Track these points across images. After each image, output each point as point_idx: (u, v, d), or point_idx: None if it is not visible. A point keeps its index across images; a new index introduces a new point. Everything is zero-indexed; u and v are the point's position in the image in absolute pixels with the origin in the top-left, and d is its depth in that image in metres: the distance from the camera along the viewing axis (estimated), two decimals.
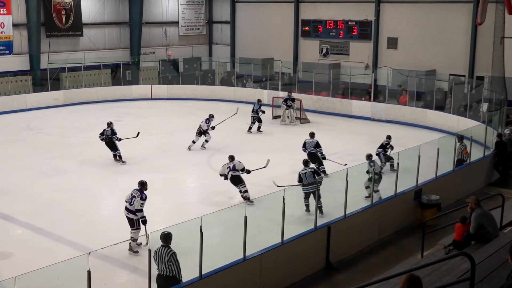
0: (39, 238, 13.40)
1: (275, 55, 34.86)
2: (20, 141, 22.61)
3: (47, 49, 31.51)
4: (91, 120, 26.45)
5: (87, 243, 12.38)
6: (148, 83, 33.42)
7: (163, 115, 28.16)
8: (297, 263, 11.57)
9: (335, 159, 18.05)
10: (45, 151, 20.94)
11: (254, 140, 23.08)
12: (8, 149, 21.30)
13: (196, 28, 39.54)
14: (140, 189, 12.50)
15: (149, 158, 20.11)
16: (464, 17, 28.05)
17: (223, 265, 10.44)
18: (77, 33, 33.03)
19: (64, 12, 32.16)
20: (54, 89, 30.53)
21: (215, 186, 17.03)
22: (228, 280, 10.35)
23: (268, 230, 12.37)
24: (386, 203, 13.95)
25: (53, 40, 31.92)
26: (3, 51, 30.10)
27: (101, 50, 34.15)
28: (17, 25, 30.43)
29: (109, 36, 35.02)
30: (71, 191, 16.63)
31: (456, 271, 8.38)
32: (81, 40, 33.38)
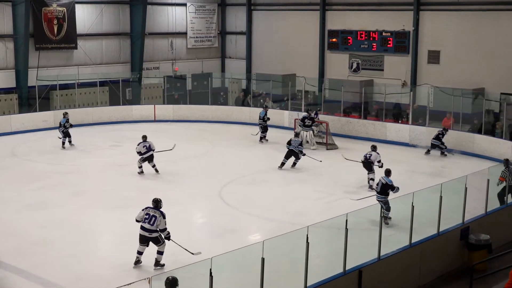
0: (23, 282, 13.37)
1: (297, 70, 34.95)
2: (3, 169, 22.73)
3: (36, 63, 31.80)
4: (85, 145, 26.59)
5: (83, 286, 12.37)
6: (151, 103, 33.63)
7: (168, 140, 28.19)
8: None
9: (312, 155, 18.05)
10: (31, 181, 21.01)
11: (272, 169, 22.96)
12: None
13: (207, 40, 39.75)
14: (156, 207, 13.84)
15: (152, 190, 20.10)
16: None
17: None
18: (70, 46, 33.34)
19: (56, 21, 32.51)
20: (43, 109, 30.74)
21: (226, 223, 17.00)
22: None
23: (288, 274, 12.25)
24: (427, 243, 13.76)
25: (43, 53, 32.23)
26: None
27: (97, 65, 34.45)
28: (2, 36, 30.85)
29: (107, 49, 35.30)
30: (61, 227, 16.61)
31: None
32: (75, 53, 33.69)
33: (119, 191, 19.97)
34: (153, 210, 13.71)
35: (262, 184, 20.91)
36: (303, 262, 10.99)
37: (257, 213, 17.97)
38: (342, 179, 21.40)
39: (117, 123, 31.61)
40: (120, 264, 14.24)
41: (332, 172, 22.64)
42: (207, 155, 25.34)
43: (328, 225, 13.82)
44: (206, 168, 23.18)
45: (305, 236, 10.93)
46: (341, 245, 11.75)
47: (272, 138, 28.31)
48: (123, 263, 14.19)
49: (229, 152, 25.74)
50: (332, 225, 13.19)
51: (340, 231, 11.86)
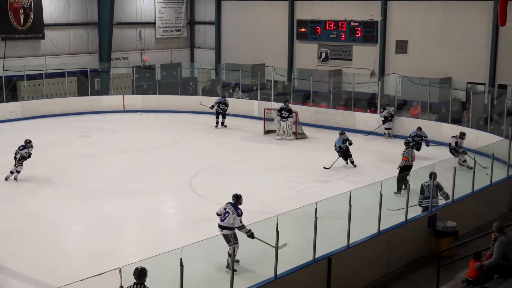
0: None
1: (267, 60, 34.94)
2: None
3: (2, 53, 31.45)
4: (53, 136, 26.38)
5: (48, 279, 12.32)
6: (120, 93, 33.44)
7: (137, 130, 28.11)
8: None
9: None
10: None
11: (243, 159, 23.06)
12: None
13: (176, 30, 39.59)
14: (234, 204, 12.88)
15: (121, 180, 20.04)
16: (484, 17, 28.16)
17: None
18: (37, 36, 32.99)
19: (23, 11, 32.14)
20: (10, 100, 30.47)
21: (197, 213, 17.01)
22: None
23: (259, 263, 12.34)
24: (395, 231, 13.93)
25: (9, 43, 31.85)
26: None
27: (65, 55, 34.12)
28: None
29: (74, 39, 34.99)
30: (29, 219, 16.49)
31: None
32: (42, 43, 33.35)
33: (88, 182, 19.87)
34: (229, 206, 12.84)
35: (232, 173, 20.93)
36: (273, 250, 11.08)
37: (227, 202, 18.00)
38: (311, 168, 21.52)
39: (85, 113, 31.40)
40: (91, 254, 14.20)
41: (302, 161, 22.75)
42: (176, 145, 25.30)
43: (298, 214, 13.93)
44: (175, 158, 23.14)
45: (275, 225, 11.02)
46: (311, 233, 11.85)
47: (241, 128, 28.42)
48: (94, 253, 14.16)
49: (198, 142, 25.72)
50: (302, 214, 13.30)
51: (310, 220, 11.96)
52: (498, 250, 10.47)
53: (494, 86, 27.65)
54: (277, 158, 22.82)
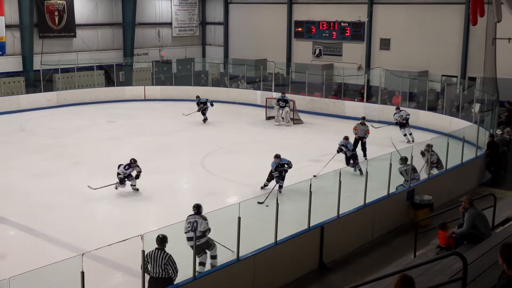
0: (33, 239, 13.35)
1: (268, 56, 34.92)
2: (13, 143, 22.52)
3: (40, 50, 31.46)
4: (84, 121, 26.42)
5: (81, 244, 12.36)
6: (142, 84, 33.42)
7: (156, 117, 28.14)
8: (291, 263, 11.59)
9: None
10: (38, 153, 20.86)
11: (247, 141, 23.06)
12: (1, 151, 21.22)
13: (190, 29, 39.54)
14: (197, 213, 11.38)
15: (142, 159, 20.01)
16: (457, 18, 28.20)
17: (217, 266, 10.45)
18: (70, 34, 33.00)
19: (57, 13, 32.12)
20: (47, 90, 30.46)
21: (208, 187, 17.06)
22: (222, 281, 10.35)
23: (261, 231, 12.37)
24: (379, 203, 13.98)
25: (46, 41, 31.86)
26: None
27: (94, 51, 34.12)
28: (9, 26, 30.36)
29: (102, 37, 34.98)
30: (64, 192, 16.58)
31: (449, 270, 8.41)
32: (74, 41, 33.35)
33: (113, 161, 19.88)
34: (194, 216, 11.30)
35: (238, 154, 20.96)
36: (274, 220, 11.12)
37: (234, 179, 18.06)
38: (306, 149, 21.52)
39: (111, 102, 31.39)
40: (117, 223, 14.29)
41: (298, 143, 22.74)
42: (190, 129, 25.29)
43: (296, 189, 13.98)
44: (189, 141, 23.18)
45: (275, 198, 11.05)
46: (306, 205, 11.88)
47: (246, 114, 28.42)
48: (120, 222, 14.24)
49: (209, 127, 25.72)
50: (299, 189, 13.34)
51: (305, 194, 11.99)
52: (468, 220, 10.46)
53: (465, 79, 27.75)
54: (277, 141, 22.80)
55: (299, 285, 11.51)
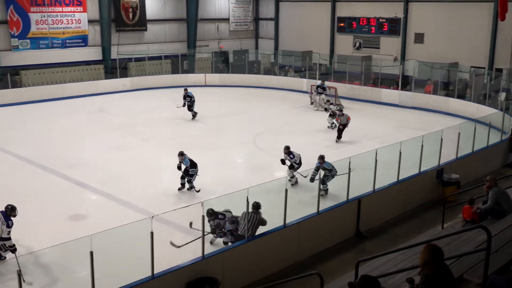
0: (110, 203, 13.70)
1: (313, 48, 34.53)
2: (94, 121, 23.06)
3: (116, 42, 31.96)
4: (153, 103, 26.81)
5: (151, 208, 12.62)
6: (203, 72, 33.58)
7: (215, 100, 28.28)
8: (331, 231, 11.55)
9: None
10: (114, 130, 21.31)
11: (293, 123, 22.93)
12: (84, 128, 21.77)
13: (244, 24, 39.42)
14: (6, 214, 10.02)
15: (202, 137, 20.28)
16: (485, 14, 27.22)
17: (265, 230, 10.50)
18: (142, 28, 33.37)
19: (131, 10, 32.52)
20: (122, 76, 30.98)
21: (258, 162, 17.11)
22: (270, 244, 10.41)
23: (305, 202, 12.37)
24: (411, 180, 13.74)
25: (122, 34, 32.33)
26: (80, 44, 30.68)
27: (162, 43, 34.42)
28: (91, 21, 30.92)
29: (169, 30, 35.25)
30: (136, 164, 16.91)
31: (473, 242, 8.23)
32: (145, 34, 33.72)
33: (177, 137, 20.17)
34: (0, 215, 9.95)
35: (285, 134, 20.86)
36: (315, 192, 11.09)
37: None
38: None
39: (176, 87, 31.60)
40: (184, 191, 14.45)
41: None
42: (244, 111, 25.34)
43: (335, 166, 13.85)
44: (243, 121, 23.21)
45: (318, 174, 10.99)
46: (345, 181, 11.78)
47: (293, 99, 28.26)
48: (182, 191, 14.41)
49: (260, 110, 25.70)
50: (338, 166, 13.22)
51: (345, 170, 11.88)
52: (492, 198, 10.21)
53: (492, 70, 26.80)
54: (319, 123, 22.60)
55: (337, 250, 11.46)
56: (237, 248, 9.95)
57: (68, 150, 18.35)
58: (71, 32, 30.18)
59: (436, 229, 11.65)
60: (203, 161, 16.98)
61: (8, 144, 18.95)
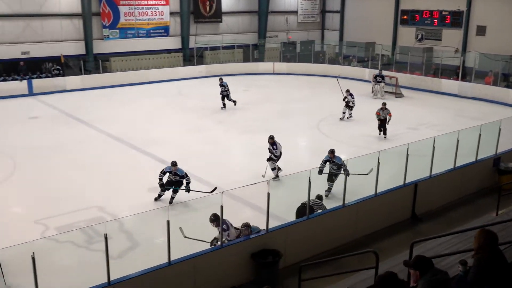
0: None
1: (376, 39, 33.66)
2: (173, 104, 23.60)
3: (194, 32, 32.45)
4: None
5: (222, 184, 12.83)
6: (271, 61, 33.54)
7: (283, 87, 28.23)
8: (387, 212, 11.32)
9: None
10: (190, 112, 21.74)
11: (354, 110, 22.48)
12: (164, 109, 22.34)
13: (312, 16, 38.94)
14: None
15: (269, 121, 20.32)
16: None
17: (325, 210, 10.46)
18: (217, 20, 33.67)
19: (208, 3, 32.86)
20: (199, 64, 31.47)
21: (322, 146, 16.95)
22: (329, 222, 10.36)
23: (364, 184, 12.16)
24: (468, 167, 13.20)
25: (199, 25, 32.78)
26: (162, 34, 31.40)
27: (235, 34, 34.63)
28: (172, 13, 31.52)
29: (242, 22, 35.38)
30: (210, 144, 17.19)
31: None
32: (220, 25, 34.01)
33: (246, 120, 20.32)
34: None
35: (346, 121, 20.58)
36: (374, 176, 10.88)
37: (343, 140, 17.82)
38: (405, 118, 20.70)
39: (247, 74, 31.87)
40: (249, 169, 14.59)
41: (398, 113, 21.89)
42: (309, 98, 25.15)
43: (393, 151, 13.54)
44: (308, 107, 23.06)
45: (376, 158, 10.79)
46: (402, 165, 11.49)
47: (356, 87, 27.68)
48: (251, 169, 14.52)
49: (324, 97, 25.41)
50: (398, 151, 12.89)
51: (402, 156, 11.57)
52: None
53: None
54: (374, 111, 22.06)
55: (393, 230, 11.23)
56: (299, 224, 9.96)
57: (150, 129, 18.93)
58: (155, 23, 30.93)
59: (491, 216, 11.16)
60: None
61: (98, 123, 19.79)
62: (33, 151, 16.23)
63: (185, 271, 8.43)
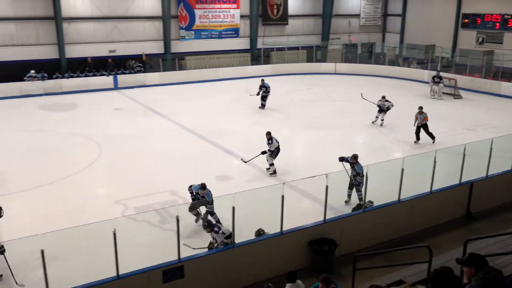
0: (249, 168, 14.07)
1: (436, 42, 32.34)
2: (240, 99, 23.76)
3: (262, 33, 32.52)
4: (289, 87, 27.00)
5: (283, 176, 12.84)
6: (333, 61, 33.03)
7: (343, 86, 27.77)
8: (442, 209, 10.89)
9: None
10: (256, 107, 21.82)
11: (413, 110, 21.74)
12: (233, 105, 22.58)
13: (373, 20, 37.98)
14: None
15: (329, 117, 20.07)
16: None
17: (380, 204, 10.19)
18: (283, 22, 33.56)
19: (276, 6, 32.81)
20: (265, 63, 31.52)
21: (378, 143, 16.57)
22: (384, 216, 10.10)
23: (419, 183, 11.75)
24: None
25: (267, 27, 32.81)
26: (232, 35, 31.71)
27: (299, 35, 34.39)
28: (243, 16, 31.74)
29: (306, 25, 35.06)
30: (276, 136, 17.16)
31: None
32: (286, 27, 33.87)
33: (308, 117, 20.15)
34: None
35: (404, 119, 19.91)
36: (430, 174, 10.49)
37: (400, 138, 17.29)
38: (463, 119, 19.79)
39: (310, 74, 31.60)
40: (309, 161, 14.48)
41: (456, 114, 21.00)
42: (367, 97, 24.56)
43: (449, 151, 12.99)
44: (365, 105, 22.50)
45: (433, 157, 10.39)
46: (459, 164, 11.00)
47: (414, 88, 26.84)
48: (312, 161, 14.39)
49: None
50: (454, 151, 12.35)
51: (458, 155, 11.07)
52: None
53: None
54: (437, 111, 21.22)
55: (447, 227, 10.81)
56: (355, 216, 9.80)
57: (219, 122, 19.20)
58: (226, 25, 31.28)
59: None
60: (327, 139, 16.91)
61: (173, 115, 20.32)
62: (116, 139, 16.93)
63: (246, 254, 8.52)
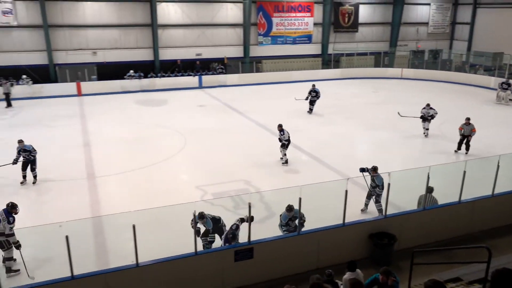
0: (318, 165, 13.91)
1: (505, 49, 30.03)
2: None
3: (332, 40, 32.00)
4: (356, 90, 26.36)
5: (347, 172, 12.59)
6: (400, 67, 31.80)
7: (407, 91, 26.66)
8: (504, 212, 10.09)
9: None
10: (325, 108, 21.45)
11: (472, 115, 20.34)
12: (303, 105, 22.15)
13: (441, 28, 36.04)
14: (8, 211, 8.15)
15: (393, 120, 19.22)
16: None
17: (441, 203, 9.68)
18: (354, 30, 32.81)
19: (347, 15, 32.15)
20: (335, 67, 31.05)
21: (440, 147, 15.72)
22: (444, 214, 9.57)
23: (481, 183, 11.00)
24: None
25: (338, 34, 32.24)
26: (305, 41, 31.50)
27: (368, 42, 33.45)
28: (315, 23, 31.42)
29: (375, 32, 34.02)
30: (339, 136, 16.91)
31: None
32: (356, 34, 33.08)
33: (370, 119, 19.55)
34: (2, 213, 8.12)
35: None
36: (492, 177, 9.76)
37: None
38: None
39: (377, 78, 30.66)
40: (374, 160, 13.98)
41: None
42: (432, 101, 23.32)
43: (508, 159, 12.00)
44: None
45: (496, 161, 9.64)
46: None
47: (479, 94, 25.18)
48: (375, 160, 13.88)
49: (447, 101, 23.32)
50: None
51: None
52: None
53: None
54: (503, 117, 19.74)
55: (509, 230, 10.02)
56: (415, 214, 9.38)
57: (290, 120, 19.11)
58: (300, 32, 31.12)
59: None
60: (388, 139, 16.29)
61: (249, 113, 20.58)
62: (199, 132, 17.45)
63: (310, 242, 8.46)
